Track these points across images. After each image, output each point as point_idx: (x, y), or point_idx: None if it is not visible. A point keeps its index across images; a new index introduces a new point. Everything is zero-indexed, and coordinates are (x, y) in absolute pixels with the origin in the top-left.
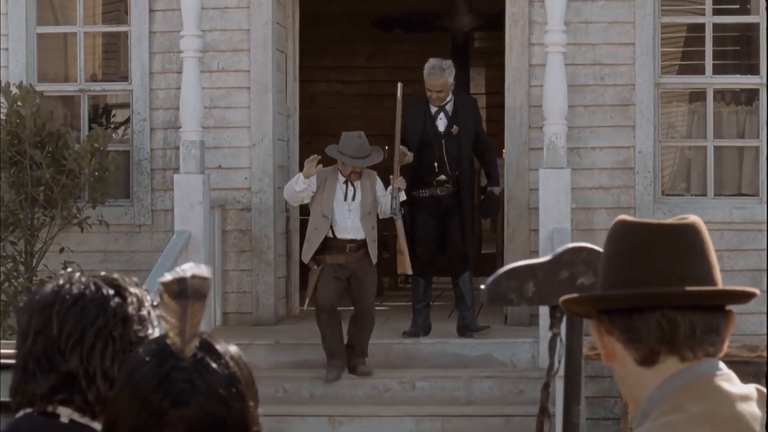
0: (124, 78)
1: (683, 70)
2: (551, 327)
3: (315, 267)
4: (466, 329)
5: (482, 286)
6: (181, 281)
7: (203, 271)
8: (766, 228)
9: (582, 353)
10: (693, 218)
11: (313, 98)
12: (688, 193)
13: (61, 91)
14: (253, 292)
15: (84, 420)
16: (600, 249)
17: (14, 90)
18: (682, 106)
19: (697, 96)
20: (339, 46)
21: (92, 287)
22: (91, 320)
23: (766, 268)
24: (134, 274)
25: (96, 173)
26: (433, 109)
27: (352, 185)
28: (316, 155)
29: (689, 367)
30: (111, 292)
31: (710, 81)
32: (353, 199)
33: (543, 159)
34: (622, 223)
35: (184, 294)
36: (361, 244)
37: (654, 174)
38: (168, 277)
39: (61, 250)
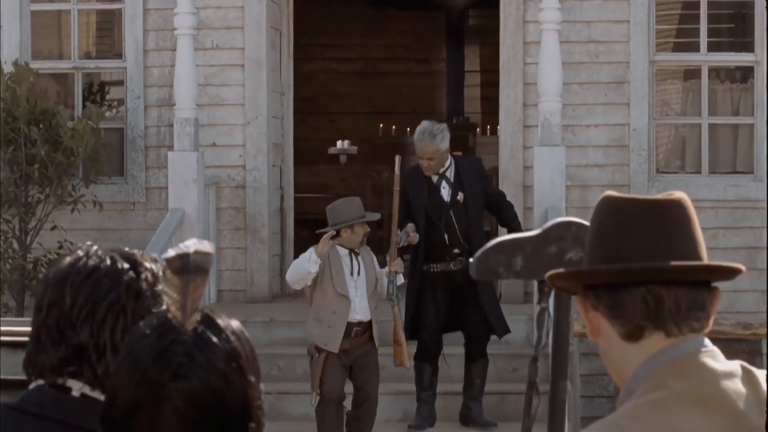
0: (118, 56)
1: (678, 48)
2: (539, 301)
3: (317, 355)
4: (470, 420)
5: (471, 260)
6: (183, 256)
7: (206, 246)
8: (763, 205)
9: (569, 329)
10: (679, 194)
11: (308, 76)
12: (683, 171)
13: (55, 68)
14: (247, 270)
15: (94, 394)
16: (588, 224)
17: (9, 68)
18: (677, 84)
19: (691, 73)
20: (333, 23)
21: (108, 261)
22: (104, 294)
23: (765, 245)
24: None
25: (91, 152)
26: (435, 178)
27: (356, 260)
28: (331, 231)
29: (674, 344)
30: (126, 266)
31: (705, 58)
32: (358, 274)
33: (538, 137)
34: (608, 199)
35: (187, 269)
36: (367, 327)
37: (649, 152)
38: (171, 252)
39: (53, 228)
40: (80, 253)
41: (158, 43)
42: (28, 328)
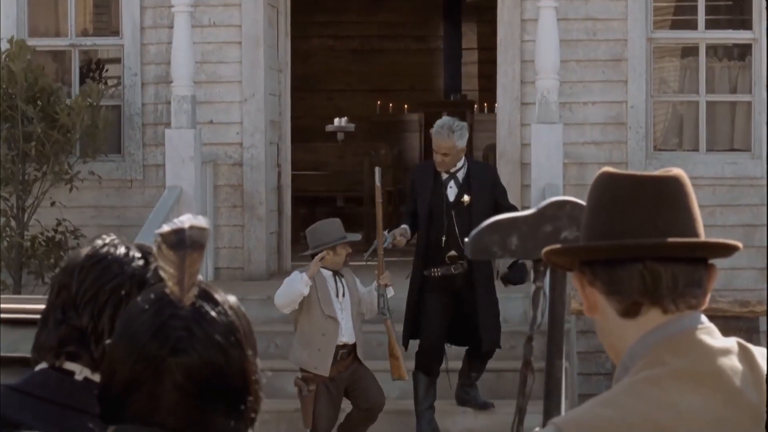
0: (115, 33)
1: (676, 25)
2: (534, 280)
3: (306, 390)
4: (467, 401)
5: (466, 240)
6: (179, 232)
7: (201, 221)
8: (760, 183)
9: (565, 308)
10: (676, 171)
11: (305, 53)
12: (680, 149)
13: (52, 46)
14: (244, 248)
15: (97, 378)
16: (584, 203)
17: (5, 45)
18: (675, 62)
19: (689, 51)
20: (331, 1)
21: (121, 250)
22: (109, 279)
23: (762, 223)
24: (126, 230)
25: (88, 129)
26: (444, 176)
27: (341, 281)
28: (323, 253)
29: (671, 321)
30: (137, 255)
31: (703, 36)
32: (343, 295)
33: (535, 114)
34: (606, 175)
35: (182, 244)
36: (351, 349)
37: (646, 129)
38: (166, 227)
39: (53, 204)
40: (99, 242)
41: (155, 20)
42: (26, 306)
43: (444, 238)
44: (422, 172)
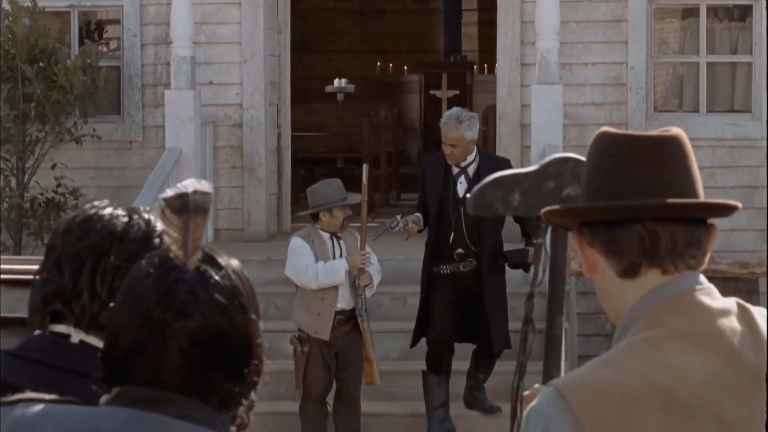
0: None
1: None
2: (536, 237)
3: (300, 351)
4: (474, 405)
5: (468, 195)
6: (182, 196)
7: (204, 186)
8: (760, 144)
9: (566, 264)
10: (675, 130)
11: (305, 14)
12: (681, 110)
13: (51, 6)
14: (244, 209)
15: (92, 340)
16: None
17: (6, 6)
18: (675, 22)
19: (690, 12)
20: None
21: (107, 210)
22: (90, 236)
23: (762, 184)
24: (126, 191)
25: (88, 89)
26: (455, 171)
27: (338, 244)
28: (364, 251)
29: (670, 281)
30: (120, 213)
31: None
32: (364, 238)
33: (535, 75)
34: (605, 135)
35: (186, 209)
36: (350, 315)
37: (646, 90)
38: (169, 192)
39: (53, 167)
40: (88, 205)
41: None
42: (26, 266)
43: (452, 236)
44: (433, 165)
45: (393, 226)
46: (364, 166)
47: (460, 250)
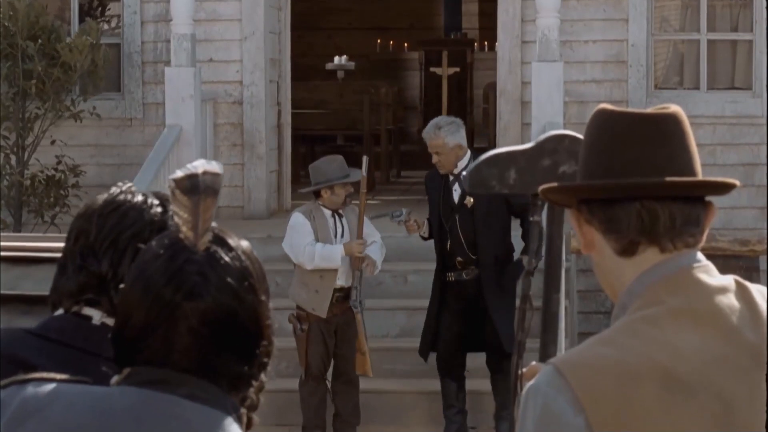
0: None
1: None
2: (532, 215)
3: (300, 329)
4: None
5: (464, 173)
6: (192, 177)
7: (215, 167)
8: (760, 122)
9: (562, 242)
10: (674, 108)
11: None
12: (681, 87)
13: None
14: (244, 186)
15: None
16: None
17: None
18: (676, 0)
19: None
20: None
21: (139, 197)
22: (128, 225)
23: (762, 162)
24: (126, 168)
25: (89, 67)
26: (451, 178)
27: (340, 222)
28: (360, 241)
29: (668, 259)
30: (155, 202)
31: None
32: (342, 236)
33: (536, 52)
34: (603, 113)
35: (196, 189)
36: (348, 292)
37: (647, 67)
38: (179, 173)
39: (53, 143)
40: (115, 189)
41: None
42: (26, 243)
43: (449, 243)
44: (432, 177)
45: (396, 216)
46: (364, 158)
47: (459, 258)
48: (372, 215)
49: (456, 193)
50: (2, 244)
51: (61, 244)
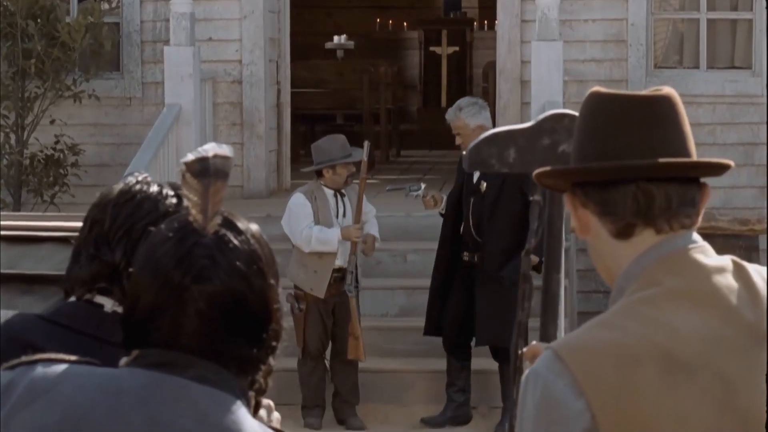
0: None
1: None
2: (532, 194)
3: (297, 309)
4: None
5: (464, 152)
6: (203, 160)
7: (225, 150)
8: (760, 101)
9: (563, 222)
10: (667, 89)
11: None
12: (681, 66)
13: None
14: (244, 166)
15: None
16: None
17: None
18: None
19: None
20: None
21: (154, 187)
22: (142, 216)
23: (762, 141)
24: (125, 148)
25: (89, 47)
26: None
27: (342, 201)
28: (357, 225)
29: (665, 240)
30: (170, 193)
31: None
32: (343, 216)
33: (535, 31)
34: (596, 95)
35: (206, 173)
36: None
37: (647, 47)
38: (190, 156)
39: (52, 122)
40: (131, 179)
41: None
42: (25, 223)
43: (462, 225)
44: (461, 159)
45: (413, 190)
46: (366, 144)
47: (467, 241)
48: (388, 188)
49: (476, 176)
50: (2, 223)
51: (61, 224)
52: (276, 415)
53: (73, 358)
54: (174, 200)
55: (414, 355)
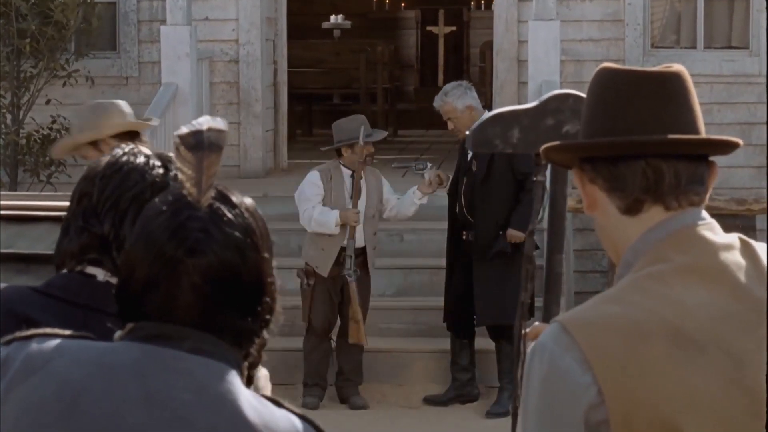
0: None
1: None
2: (535, 174)
3: (306, 284)
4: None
5: (467, 132)
6: (197, 134)
7: (219, 123)
8: (758, 80)
9: (566, 201)
10: (677, 67)
11: None
12: (678, 46)
13: None
14: (240, 145)
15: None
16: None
17: None
18: None
19: None
20: None
21: (140, 158)
22: (130, 186)
23: (761, 121)
24: None
25: (82, 25)
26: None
27: (359, 182)
28: (355, 210)
29: (673, 217)
30: (157, 163)
31: None
32: (359, 197)
33: (532, 11)
34: (607, 71)
35: (200, 146)
36: (360, 253)
37: (644, 26)
38: (184, 129)
39: (48, 102)
40: (118, 150)
41: None
42: (22, 202)
43: (457, 204)
44: (463, 143)
45: (419, 168)
46: (362, 128)
47: (462, 221)
48: (394, 165)
49: (469, 155)
50: (4, 202)
51: (57, 203)
52: (264, 371)
53: (67, 332)
54: (161, 170)
55: (411, 335)
